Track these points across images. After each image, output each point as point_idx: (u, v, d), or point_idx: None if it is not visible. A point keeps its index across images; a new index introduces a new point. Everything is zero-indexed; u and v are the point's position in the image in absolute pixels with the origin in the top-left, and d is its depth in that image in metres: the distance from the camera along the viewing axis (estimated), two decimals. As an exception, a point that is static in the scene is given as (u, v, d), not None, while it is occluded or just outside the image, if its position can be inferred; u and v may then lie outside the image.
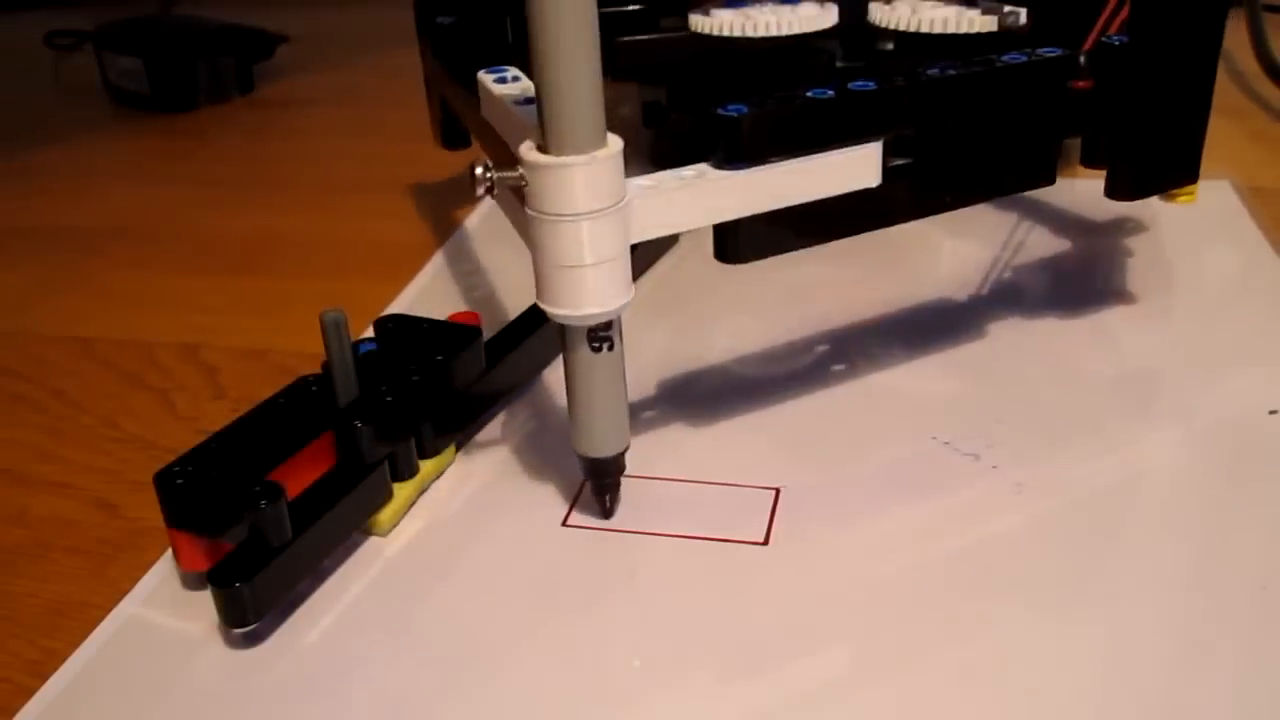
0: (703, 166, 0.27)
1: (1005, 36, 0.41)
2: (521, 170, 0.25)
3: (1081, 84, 0.31)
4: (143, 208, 0.58)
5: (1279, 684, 0.23)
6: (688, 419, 0.34)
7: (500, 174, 0.25)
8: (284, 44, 0.83)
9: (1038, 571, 0.27)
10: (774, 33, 0.45)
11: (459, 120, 0.47)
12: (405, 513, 0.31)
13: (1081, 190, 0.50)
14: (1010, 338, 0.37)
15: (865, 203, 0.29)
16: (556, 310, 0.26)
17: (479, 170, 0.25)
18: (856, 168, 0.28)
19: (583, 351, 0.27)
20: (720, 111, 0.27)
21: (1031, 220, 0.47)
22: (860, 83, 0.28)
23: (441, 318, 0.34)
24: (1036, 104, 0.31)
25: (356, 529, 0.29)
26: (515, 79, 0.31)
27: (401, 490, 0.30)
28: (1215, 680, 0.24)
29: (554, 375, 0.37)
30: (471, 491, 0.32)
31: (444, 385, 0.31)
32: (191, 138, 0.71)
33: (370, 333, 0.33)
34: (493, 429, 0.34)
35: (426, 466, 0.31)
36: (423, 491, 0.31)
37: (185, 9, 0.95)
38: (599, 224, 0.25)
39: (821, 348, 0.38)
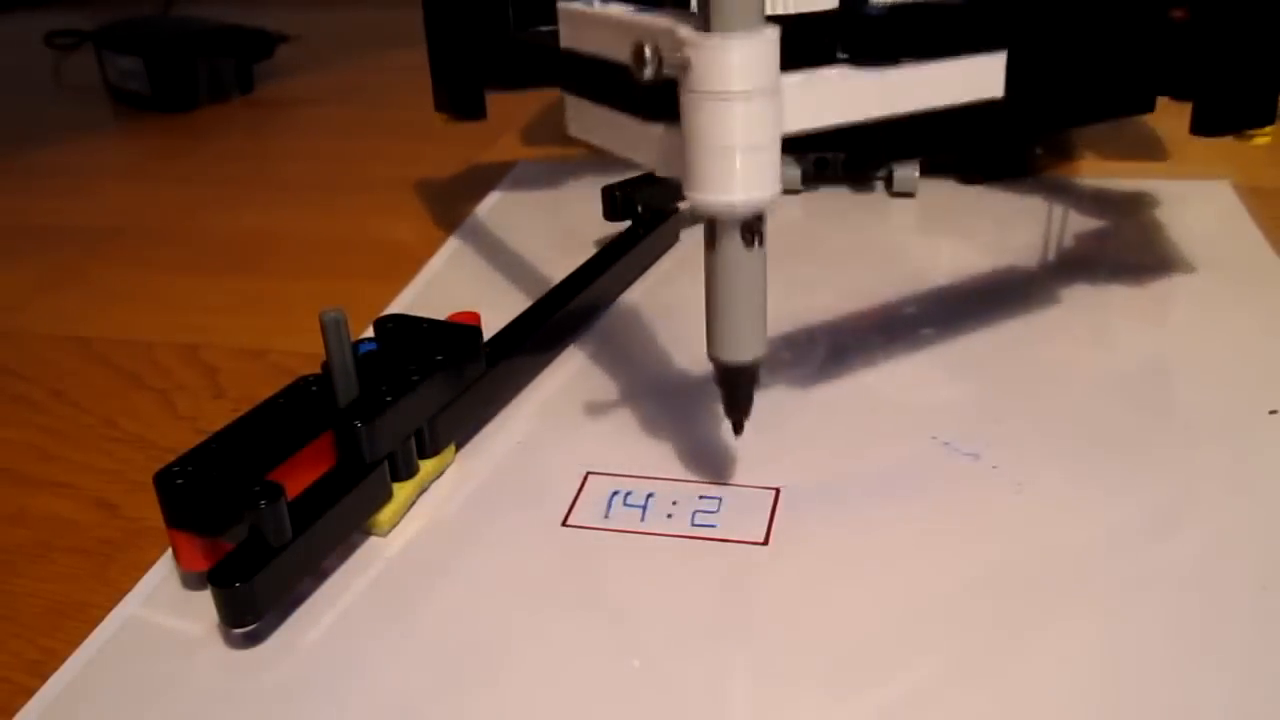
0: (841, 66, 0.28)
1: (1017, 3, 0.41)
2: (686, 50, 0.25)
3: (1179, 14, 0.32)
4: (143, 208, 0.58)
5: (1279, 684, 0.24)
6: (688, 419, 0.34)
7: (667, 55, 0.25)
8: (284, 44, 0.83)
9: (1037, 571, 0.27)
10: (774, 11, 0.45)
11: (479, 86, 0.45)
12: (405, 513, 0.31)
13: (1081, 191, 0.50)
14: (1010, 338, 0.37)
15: (988, 114, 0.30)
16: (712, 197, 0.26)
17: (647, 50, 0.24)
18: (983, 77, 0.30)
19: (732, 246, 0.27)
20: (862, 8, 0.28)
21: (1031, 221, 0.47)
22: None
23: (441, 318, 0.34)
24: (1141, 27, 0.32)
25: (356, 529, 0.29)
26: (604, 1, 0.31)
27: (401, 490, 0.30)
28: (1215, 680, 0.24)
29: (553, 375, 0.37)
30: (471, 491, 0.32)
31: (444, 385, 0.31)
32: (191, 138, 0.71)
33: (370, 333, 0.33)
34: (493, 429, 0.34)
35: (426, 466, 0.31)
36: (423, 491, 0.31)
37: (185, 9, 0.95)
38: (759, 104, 0.25)
39: (821, 347, 0.38)
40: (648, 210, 0.44)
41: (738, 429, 0.30)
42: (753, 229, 0.27)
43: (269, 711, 0.25)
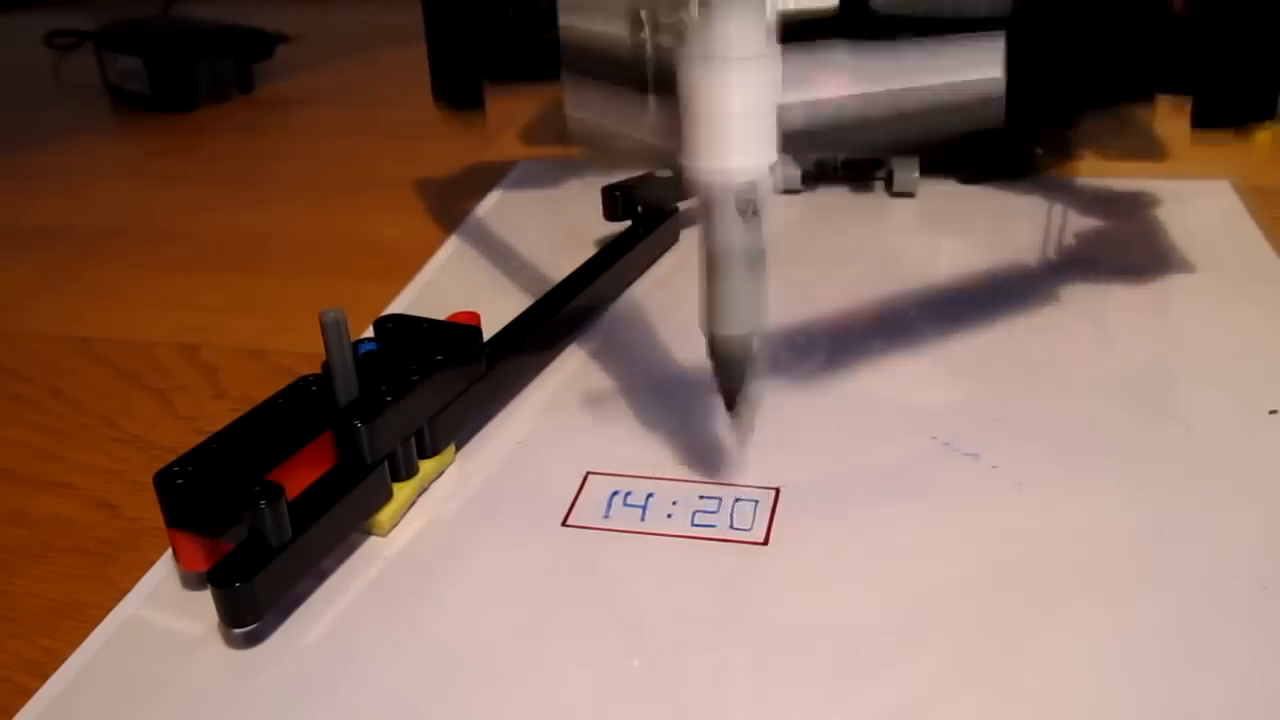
0: (842, 44, 0.28)
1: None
2: (682, 15, 0.25)
3: (1178, 5, 0.33)
4: (143, 208, 0.58)
5: (1279, 684, 0.24)
6: (688, 419, 0.34)
7: (665, 18, 0.25)
8: (284, 44, 0.83)
9: (1037, 571, 0.27)
10: (777, 8, 0.45)
11: (479, 78, 0.45)
12: (405, 513, 0.31)
13: (1081, 190, 0.50)
14: (1010, 337, 0.37)
15: (991, 100, 0.29)
16: (707, 165, 0.26)
17: (643, 13, 0.25)
18: (983, 62, 0.29)
19: (728, 218, 0.27)
20: (864, 8, 0.28)
21: (1031, 220, 0.46)
22: None
23: (441, 318, 0.34)
24: (1143, 19, 0.32)
25: (356, 529, 0.29)
26: None
27: (401, 490, 0.30)
28: (1215, 680, 0.24)
29: (553, 375, 0.37)
30: (471, 491, 0.32)
31: (444, 385, 0.31)
32: (191, 138, 0.71)
33: (370, 333, 0.33)
34: (493, 429, 0.34)
35: (426, 466, 0.31)
36: (423, 491, 0.31)
37: (185, 9, 0.95)
38: (755, 69, 0.25)
39: (821, 347, 0.38)
40: (648, 210, 0.44)
41: (730, 403, 0.29)
42: (748, 199, 0.27)
43: (269, 711, 0.25)
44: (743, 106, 0.25)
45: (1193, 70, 0.34)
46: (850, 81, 0.28)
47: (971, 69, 0.29)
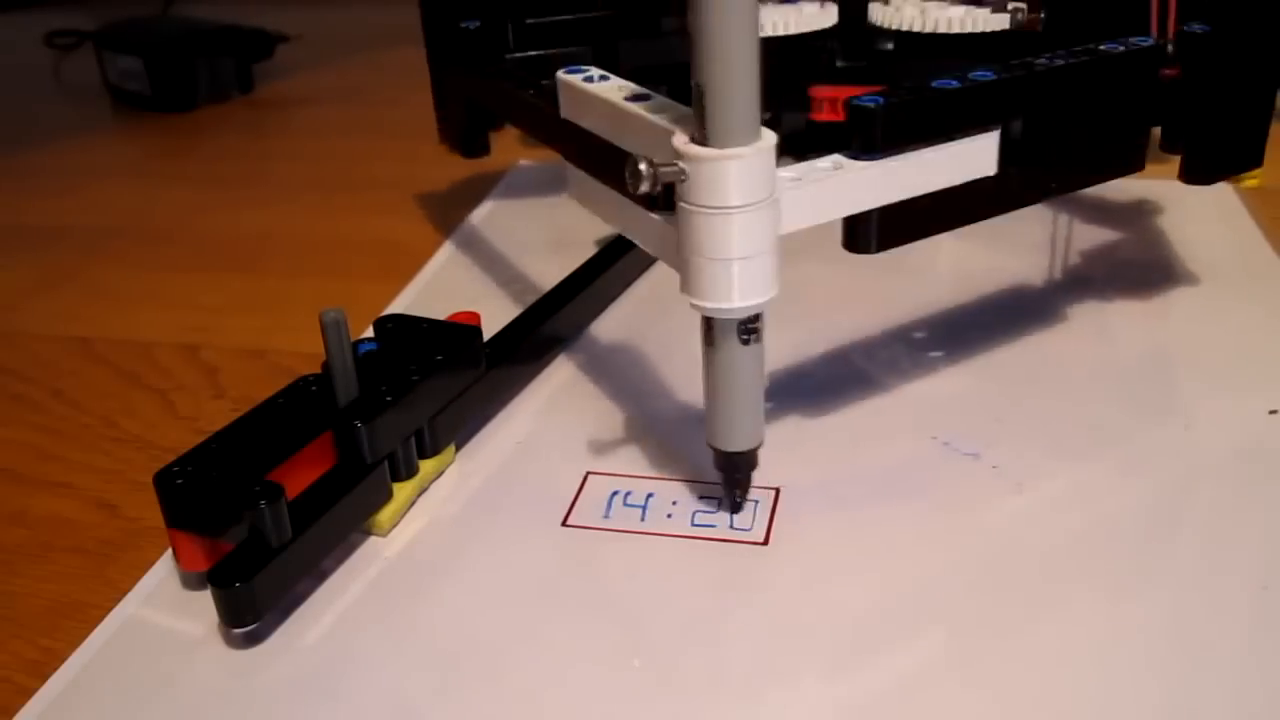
0: (837, 158, 0.28)
1: (1016, 35, 0.41)
2: (680, 164, 0.25)
3: (1169, 72, 0.32)
4: (143, 207, 0.58)
5: (1279, 684, 0.24)
6: (688, 419, 0.34)
7: (663, 169, 0.24)
8: (284, 44, 0.83)
9: (1037, 572, 0.27)
10: (776, 32, 0.45)
11: (484, 127, 0.46)
12: (405, 513, 0.31)
13: (1079, 190, 0.50)
14: (1010, 337, 0.37)
15: (981, 190, 0.30)
16: (708, 304, 0.26)
17: (642, 166, 0.24)
18: (977, 156, 0.29)
19: (731, 345, 0.27)
20: (857, 102, 0.27)
21: (1031, 221, 0.46)
22: (980, 73, 0.29)
23: (441, 318, 0.34)
24: (1135, 91, 0.32)
25: (356, 529, 0.29)
26: (603, 78, 0.31)
27: (401, 490, 0.30)
28: (1215, 680, 0.24)
29: (553, 375, 0.37)
30: (471, 491, 0.32)
31: (444, 385, 0.31)
32: (191, 137, 0.71)
33: (370, 333, 0.33)
34: (493, 428, 0.34)
35: (426, 466, 0.31)
36: (423, 491, 0.31)
37: (185, 9, 0.95)
38: (756, 215, 0.25)
39: (821, 347, 0.38)
40: None
41: (735, 509, 0.30)
42: (750, 328, 0.27)
43: (269, 711, 0.25)
44: (745, 251, 0.25)
45: (1180, 129, 0.34)
46: (847, 199, 0.28)
47: (964, 171, 0.29)
